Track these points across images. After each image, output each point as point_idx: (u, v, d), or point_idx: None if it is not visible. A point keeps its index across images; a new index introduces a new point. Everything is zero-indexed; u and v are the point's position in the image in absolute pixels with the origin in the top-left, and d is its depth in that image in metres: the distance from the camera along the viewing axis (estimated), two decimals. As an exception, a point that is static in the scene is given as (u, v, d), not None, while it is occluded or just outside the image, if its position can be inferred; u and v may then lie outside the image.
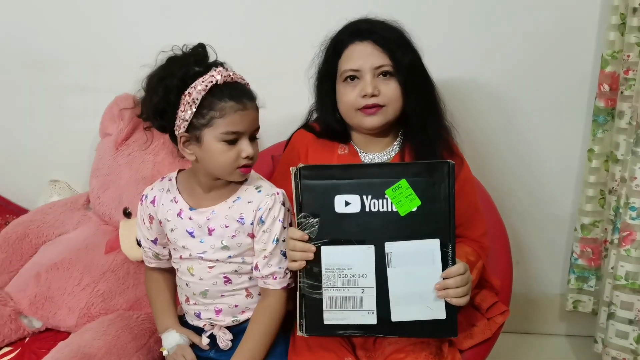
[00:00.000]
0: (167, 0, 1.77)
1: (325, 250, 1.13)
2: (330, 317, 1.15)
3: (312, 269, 1.14)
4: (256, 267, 1.24)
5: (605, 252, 1.77)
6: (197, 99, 1.12)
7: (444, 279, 1.11)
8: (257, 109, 1.19)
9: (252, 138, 1.19)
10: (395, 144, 1.36)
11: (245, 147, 1.16)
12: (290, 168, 1.12)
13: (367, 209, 1.11)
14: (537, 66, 1.76)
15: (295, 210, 1.13)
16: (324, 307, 1.14)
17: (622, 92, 1.65)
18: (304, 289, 1.15)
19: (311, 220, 1.12)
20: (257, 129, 1.20)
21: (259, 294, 1.29)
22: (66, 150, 1.91)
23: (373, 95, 1.26)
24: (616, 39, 1.65)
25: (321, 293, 1.14)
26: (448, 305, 1.13)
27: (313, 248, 1.12)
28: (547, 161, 1.87)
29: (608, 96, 1.70)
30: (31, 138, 1.93)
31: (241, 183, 1.25)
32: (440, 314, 1.14)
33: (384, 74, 1.27)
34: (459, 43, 1.75)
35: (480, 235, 1.38)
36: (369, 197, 1.11)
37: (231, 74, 1.16)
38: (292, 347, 1.28)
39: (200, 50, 1.19)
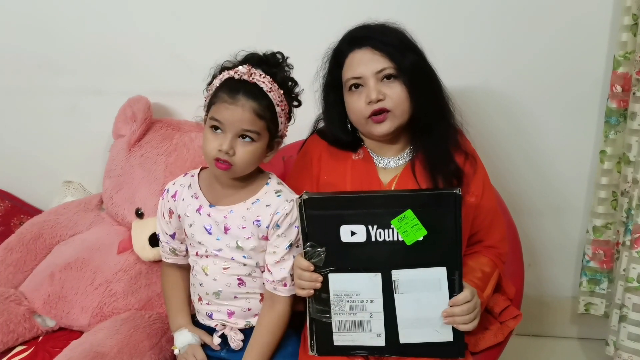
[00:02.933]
0: (179, 6, 1.78)
1: (333, 277, 1.14)
2: (340, 339, 1.17)
3: (321, 295, 1.15)
4: (268, 270, 1.25)
5: (617, 255, 1.76)
6: (214, 86, 1.19)
7: (451, 306, 1.12)
8: (254, 112, 1.16)
9: (244, 137, 1.17)
10: (408, 149, 1.35)
11: (223, 141, 1.16)
12: (295, 198, 1.13)
13: (372, 239, 1.11)
14: (549, 68, 1.76)
15: (301, 240, 1.14)
16: (334, 330, 1.16)
17: (634, 93, 1.64)
18: (313, 313, 1.16)
19: (318, 250, 1.13)
20: (250, 131, 1.17)
21: None
22: (80, 151, 1.93)
23: (379, 100, 1.24)
24: (628, 40, 1.64)
25: (330, 317, 1.16)
26: (455, 329, 1.15)
27: (320, 278, 1.14)
28: (559, 163, 1.86)
29: (620, 97, 1.69)
30: (45, 140, 1.95)
31: (261, 186, 1.26)
32: (447, 336, 1.15)
33: (388, 77, 1.25)
34: (470, 46, 1.75)
35: (498, 240, 1.37)
36: (375, 227, 1.11)
37: (252, 74, 1.17)
38: (303, 346, 1.28)
39: (270, 57, 1.23)
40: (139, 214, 1.62)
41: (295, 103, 1.27)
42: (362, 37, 1.28)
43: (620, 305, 1.63)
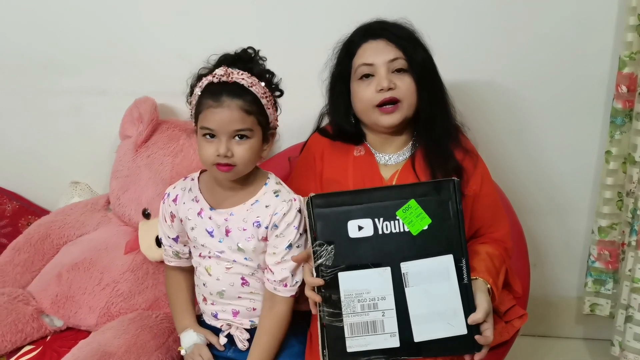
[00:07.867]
0: (184, 5, 1.79)
1: (343, 276, 1.13)
2: (353, 344, 1.15)
3: (331, 296, 1.14)
4: (269, 270, 1.25)
5: (623, 255, 1.75)
6: (196, 95, 1.20)
7: (468, 324, 1.12)
8: (242, 109, 1.16)
9: (239, 137, 1.17)
10: (408, 145, 1.37)
11: (218, 145, 1.17)
12: (302, 198, 1.15)
13: (380, 232, 1.12)
14: (554, 68, 1.76)
15: (310, 239, 1.14)
16: (346, 335, 1.14)
17: (639, 94, 1.64)
18: (324, 318, 1.15)
19: (327, 248, 1.13)
20: (242, 129, 1.17)
21: None
22: (87, 152, 1.93)
23: (389, 89, 1.27)
24: (634, 40, 1.63)
25: (342, 320, 1.14)
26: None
27: (321, 282, 1.13)
28: (564, 163, 1.86)
29: (626, 97, 1.69)
30: (52, 140, 1.96)
31: (260, 187, 1.26)
32: (461, 329, 1.14)
33: (398, 70, 1.28)
34: (474, 45, 1.75)
35: (503, 234, 1.38)
36: (381, 219, 1.12)
37: (229, 74, 1.17)
38: (309, 347, 1.28)
39: (242, 54, 1.23)
40: (146, 215, 1.63)
41: (277, 93, 1.27)
42: (377, 29, 1.31)
43: (626, 305, 1.63)
